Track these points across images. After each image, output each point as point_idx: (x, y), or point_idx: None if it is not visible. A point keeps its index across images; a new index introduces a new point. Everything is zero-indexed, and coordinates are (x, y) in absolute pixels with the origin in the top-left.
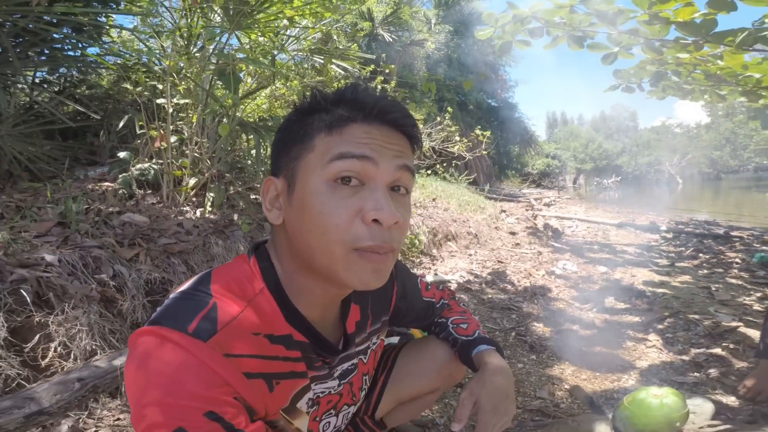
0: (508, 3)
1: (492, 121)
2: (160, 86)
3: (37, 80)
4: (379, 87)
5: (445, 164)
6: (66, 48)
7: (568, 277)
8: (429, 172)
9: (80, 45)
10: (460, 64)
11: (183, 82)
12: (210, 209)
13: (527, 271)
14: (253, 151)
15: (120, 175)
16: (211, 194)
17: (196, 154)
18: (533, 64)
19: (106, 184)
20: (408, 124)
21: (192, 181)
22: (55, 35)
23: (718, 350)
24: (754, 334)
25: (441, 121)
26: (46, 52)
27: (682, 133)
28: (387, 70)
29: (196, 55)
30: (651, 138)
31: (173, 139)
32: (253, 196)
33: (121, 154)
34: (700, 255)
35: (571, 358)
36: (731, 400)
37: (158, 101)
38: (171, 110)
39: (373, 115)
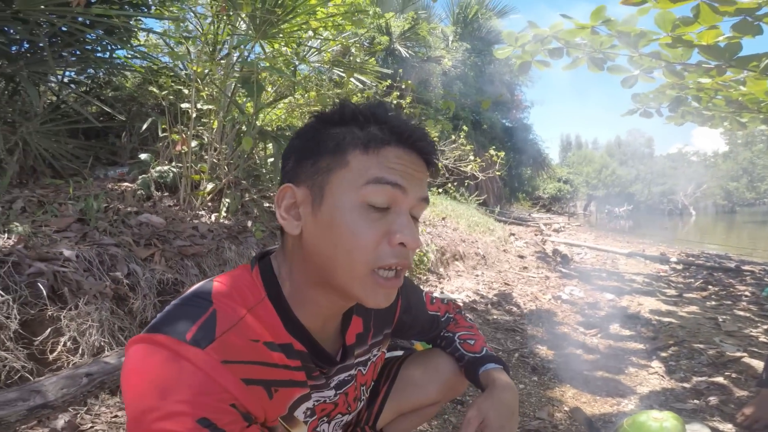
0: (529, 22)
1: (505, 142)
2: (186, 91)
3: (65, 80)
4: (395, 102)
5: (456, 183)
6: (96, 49)
7: (574, 303)
8: (440, 190)
9: (110, 47)
10: (477, 83)
11: (207, 88)
12: (225, 215)
13: (533, 295)
14: (270, 160)
15: (140, 177)
16: (227, 200)
17: (214, 160)
18: (550, 85)
19: (126, 184)
20: (433, 153)
21: (209, 186)
22: (88, 36)
23: (719, 379)
24: (758, 364)
25: (455, 140)
26: (78, 52)
27: (699, 162)
28: (404, 86)
29: (221, 61)
30: (666, 166)
31: (193, 143)
32: (267, 204)
33: (142, 156)
34: (709, 287)
35: (573, 381)
36: (728, 428)
37: (182, 106)
38: (194, 115)
39: (408, 142)
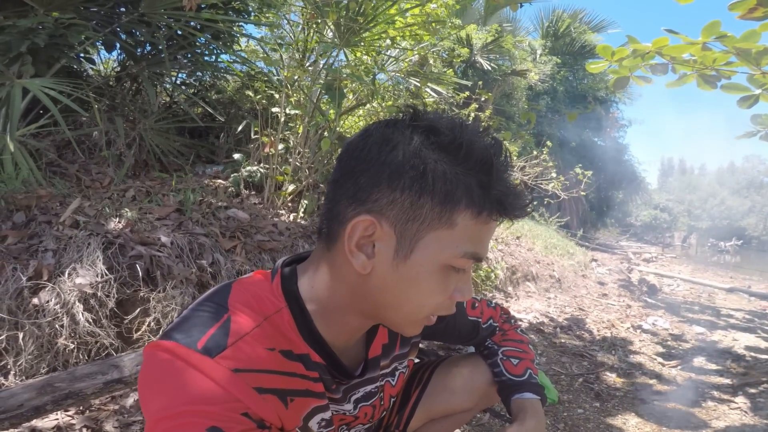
0: (628, 37)
1: (596, 162)
2: (277, 96)
3: (178, 82)
4: (473, 115)
5: (536, 202)
6: (204, 53)
7: (656, 333)
8: None
9: (216, 51)
10: (566, 98)
11: (295, 94)
12: (302, 215)
13: (610, 322)
14: None
15: (232, 175)
16: (305, 201)
17: (297, 163)
18: (652, 102)
19: (219, 181)
20: (520, 218)
21: (291, 187)
22: (198, 41)
23: None
24: None
25: (537, 155)
26: (189, 55)
27: None
28: (484, 98)
29: (309, 68)
30: None
31: (280, 146)
32: None
33: (236, 156)
34: None
35: (639, 410)
36: None
37: (273, 110)
38: (283, 119)
39: (510, 216)
